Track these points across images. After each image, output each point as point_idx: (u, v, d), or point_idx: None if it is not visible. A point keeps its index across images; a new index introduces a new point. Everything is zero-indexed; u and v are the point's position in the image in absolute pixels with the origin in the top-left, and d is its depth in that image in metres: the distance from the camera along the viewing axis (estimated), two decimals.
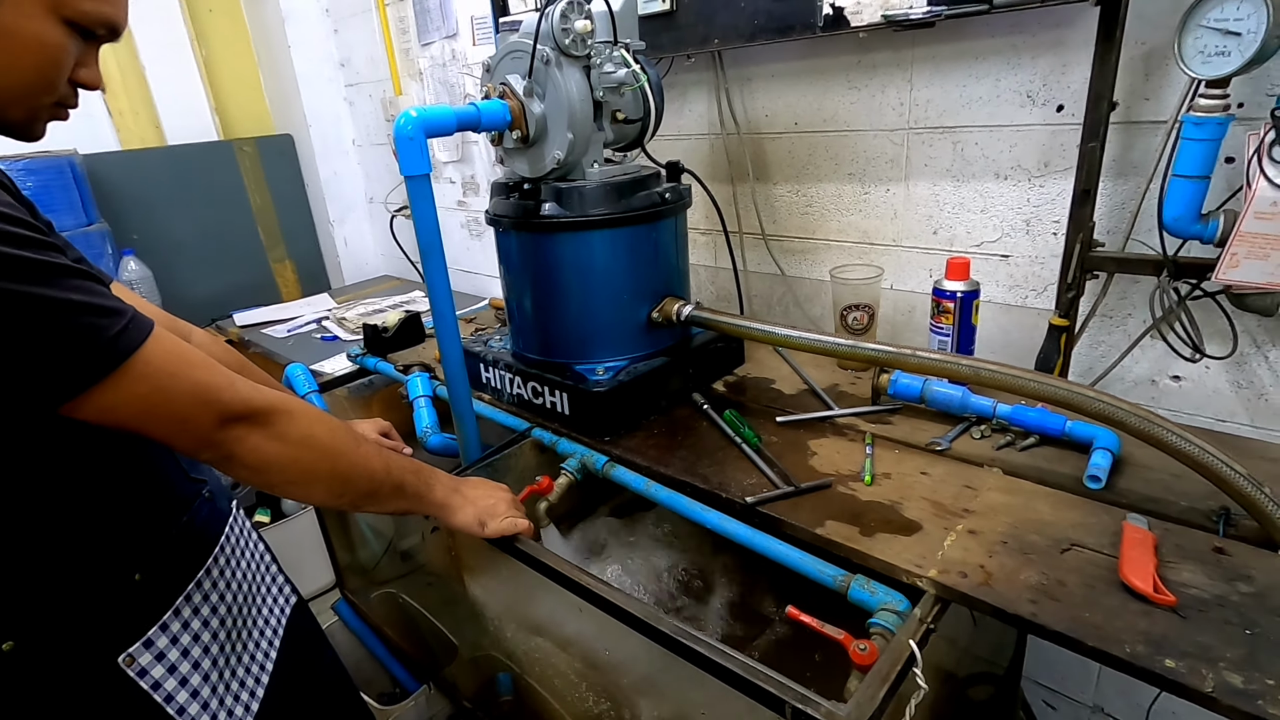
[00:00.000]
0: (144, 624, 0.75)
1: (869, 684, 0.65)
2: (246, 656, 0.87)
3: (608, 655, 1.04)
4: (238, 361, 1.05)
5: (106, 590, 0.72)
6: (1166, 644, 0.63)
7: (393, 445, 1.14)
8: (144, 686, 0.74)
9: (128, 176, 2.27)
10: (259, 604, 0.92)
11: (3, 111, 0.64)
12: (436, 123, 0.95)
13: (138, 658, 0.73)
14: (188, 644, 0.78)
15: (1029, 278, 1.16)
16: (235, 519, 0.91)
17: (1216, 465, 0.74)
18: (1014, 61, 1.08)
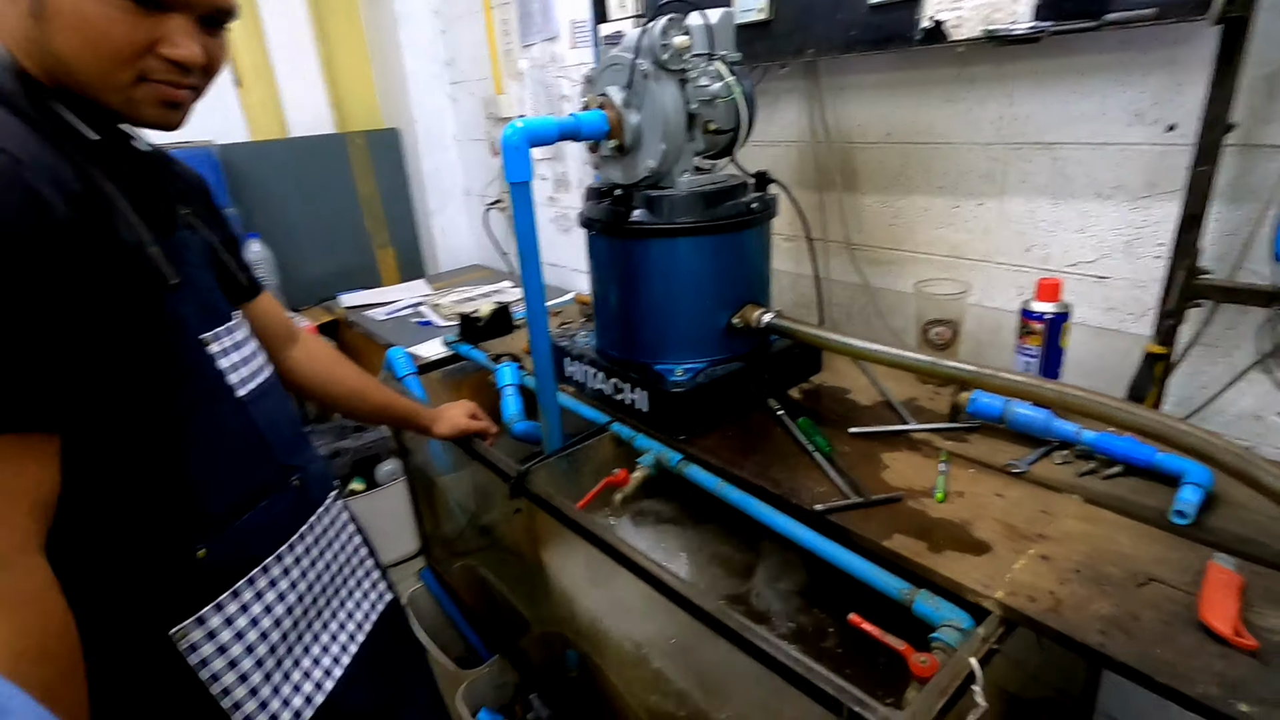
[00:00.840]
0: (200, 601, 0.74)
1: (927, 695, 0.67)
2: (317, 648, 0.86)
3: (673, 644, 1.09)
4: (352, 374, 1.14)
5: (167, 563, 0.73)
6: (1243, 688, 0.62)
7: (482, 427, 1.26)
8: (190, 662, 0.73)
9: (255, 165, 2.49)
10: (342, 599, 0.92)
11: (99, 96, 0.66)
12: (540, 133, 1.02)
13: (189, 633, 0.73)
14: (243, 627, 0.77)
15: (1127, 301, 1.12)
16: (329, 510, 0.91)
17: None
18: (1123, 79, 1.04)
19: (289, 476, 0.85)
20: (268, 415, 0.83)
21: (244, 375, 0.81)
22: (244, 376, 0.81)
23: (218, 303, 0.81)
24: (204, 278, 0.81)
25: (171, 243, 0.75)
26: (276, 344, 1.02)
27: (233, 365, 0.80)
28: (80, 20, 0.62)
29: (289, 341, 1.06)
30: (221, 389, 0.78)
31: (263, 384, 0.84)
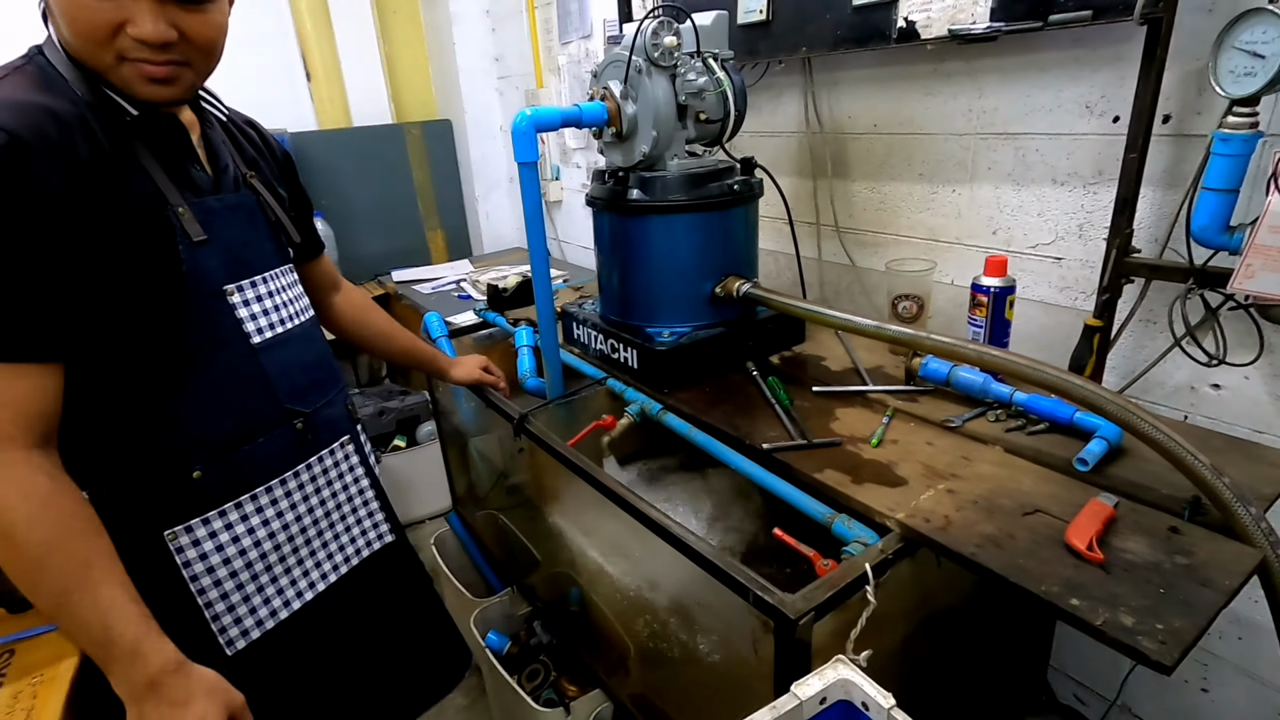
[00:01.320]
0: (192, 513, 0.86)
1: (819, 585, 0.81)
2: (298, 571, 0.97)
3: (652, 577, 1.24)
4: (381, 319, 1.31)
5: (165, 476, 0.84)
6: (1080, 589, 0.74)
7: (492, 380, 1.42)
8: (177, 561, 0.85)
9: (322, 152, 2.75)
10: (336, 532, 1.03)
11: (105, 76, 0.76)
12: (545, 120, 1.18)
13: (179, 537, 0.85)
14: (225, 542, 0.89)
15: (1079, 280, 1.21)
16: (334, 451, 1.02)
17: (1181, 453, 0.81)
18: (1075, 74, 1.14)
19: (292, 419, 0.94)
20: (281, 361, 0.93)
21: (264, 324, 0.91)
22: (264, 325, 0.91)
23: (255, 257, 0.91)
24: (246, 235, 0.91)
25: (208, 203, 0.86)
26: (323, 292, 1.21)
27: (253, 314, 0.90)
28: (64, 9, 0.72)
29: (333, 290, 1.24)
30: (234, 334, 0.88)
31: (284, 333, 0.94)
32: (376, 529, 1.11)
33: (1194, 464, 0.80)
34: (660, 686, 1.27)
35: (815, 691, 0.69)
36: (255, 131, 1.04)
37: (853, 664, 0.70)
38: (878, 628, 0.82)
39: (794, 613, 0.77)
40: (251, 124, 1.04)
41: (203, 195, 0.87)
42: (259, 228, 0.94)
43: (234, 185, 0.92)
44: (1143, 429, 0.83)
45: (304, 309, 1.00)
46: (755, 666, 0.92)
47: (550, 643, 1.62)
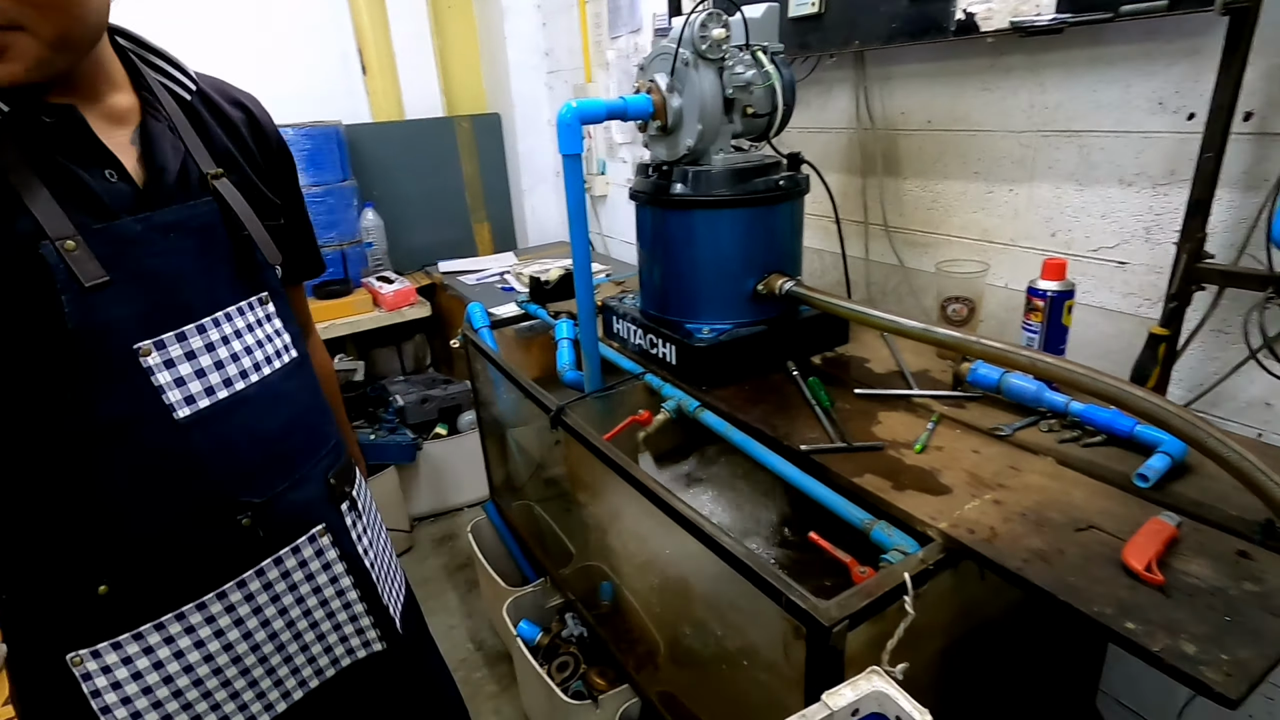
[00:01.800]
0: (99, 635, 0.69)
1: (854, 593, 0.78)
2: (251, 694, 0.78)
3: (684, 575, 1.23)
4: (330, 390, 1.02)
5: (65, 591, 0.68)
6: (1136, 612, 0.70)
7: None
8: (84, 690, 0.69)
9: (375, 144, 2.80)
10: (301, 645, 0.82)
11: None
12: (590, 113, 1.18)
13: (85, 662, 0.69)
14: (144, 669, 0.71)
15: (1145, 287, 1.15)
16: (300, 549, 0.79)
17: (1253, 472, 0.76)
18: (1146, 68, 1.08)
19: (236, 513, 0.72)
20: (223, 438, 0.71)
21: (197, 390, 0.69)
22: (197, 392, 0.69)
23: (198, 294, 0.70)
24: (186, 264, 0.69)
25: (119, 227, 0.64)
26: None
27: (180, 379, 0.68)
28: None
29: (306, 332, 1.02)
30: (151, 408, 0.66)
31: (231, 398, 0.72)
32: (361, 636, 0.88)
33: (1266, 483, 0.75)
34: (688, 686, 1.26)
35: (848, 702, 0.67)
36: (243, 112, 0.81)
37: (888, 676, 0.68)
38: (915, 639, 0.80)
39: (828, 620, 0.75)
40: (240, 103, 0.81)
41: (114, 217, 0.65)
42: (214, 250, 0.72)
43: (181, 192, 0.70)
44: (1210, 445, 0.78)
45: (274, 355, 0.78)
46: (786, 673, 0.90)
47: (581, 636, 1.63)
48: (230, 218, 0.73)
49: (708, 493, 1.33)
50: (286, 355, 0.80)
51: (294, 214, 0.89)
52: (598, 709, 1.40)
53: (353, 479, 0.91)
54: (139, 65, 0.72)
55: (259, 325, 0.77)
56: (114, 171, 0.66)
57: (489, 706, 1.83)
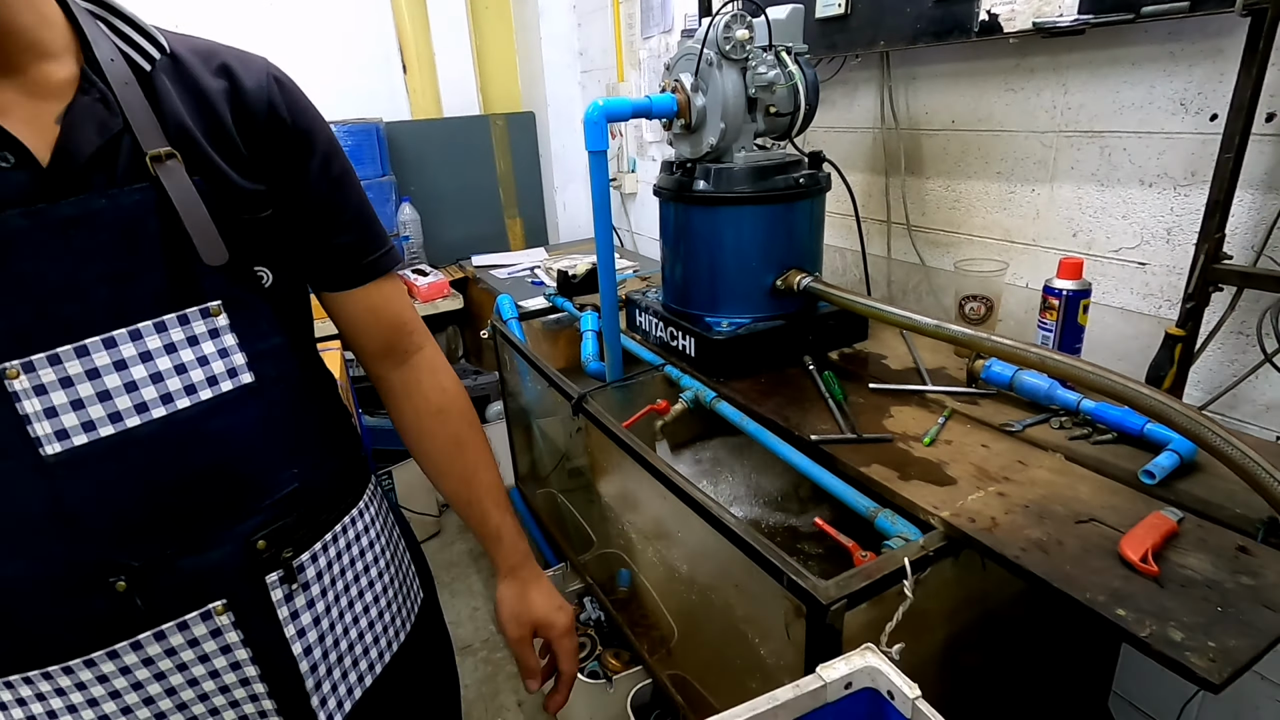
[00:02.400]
0: None
1: (854, 574, 0.81)
2: None
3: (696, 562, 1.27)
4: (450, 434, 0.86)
5: None
6: (1129, 600, 0.71)
7: (532, 664, 0.92)
8: None
9: (412, 140, 2.89)
10: None
11: None
12: (616, 111, 1.22)
13: None
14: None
15: (1164, 288, 1.15)
16: (190, 626, 0.64)
17: (1256, 470, 0.77)
18: (1169, 69, 1.08)
19: (107, 575, 0.60)
20: (99, 483, 0.59)
21: (75, 423, 0.58)
22: (74, 425, 0.58)
23: (97, 305, 0.58)
24: (85, 269, 0.57)
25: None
26: (370, 358, 0.83)
27: (53, 408, 0.57)
28: None
29: (387, 357, 0.82)
30: (11, 440, 0.56)
31: (115, 437, 0.59)
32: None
33: (1268, 481, 0.76)
34: (699, 670, 1.29)
35: (840, 675, 0.70)
36: (226, 80, 0.65)
37: (883, 654, 0.71)
38: (916, 627, 0.82)
39: (826, 598, 0.78)
40: (226, 68, 0.65)
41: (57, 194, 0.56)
42: (138, 250, 0.59)
43: (101, 179, 0.58)
44: (1212, 442, 0.79)
45: (206, 382, 0.63)
46: (788, 653, 0.93)
47: (599, 619, 1.67)
48: (167, 206, 0.59)
49: (720, 480, 1.36)
50: (229, 382, 0.64)
51: (308, 203, 0.71)
52: (611, 688, 1.44)
53: (311, 540, 0.72)
54: (102, 30, 0.61)
55: (191, 345, 0.62)
56: (10, 155, 0.55)
57: (509, 686, 1.89)
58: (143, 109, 0.60)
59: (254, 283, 0.67)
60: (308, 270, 0.76)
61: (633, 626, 1.53)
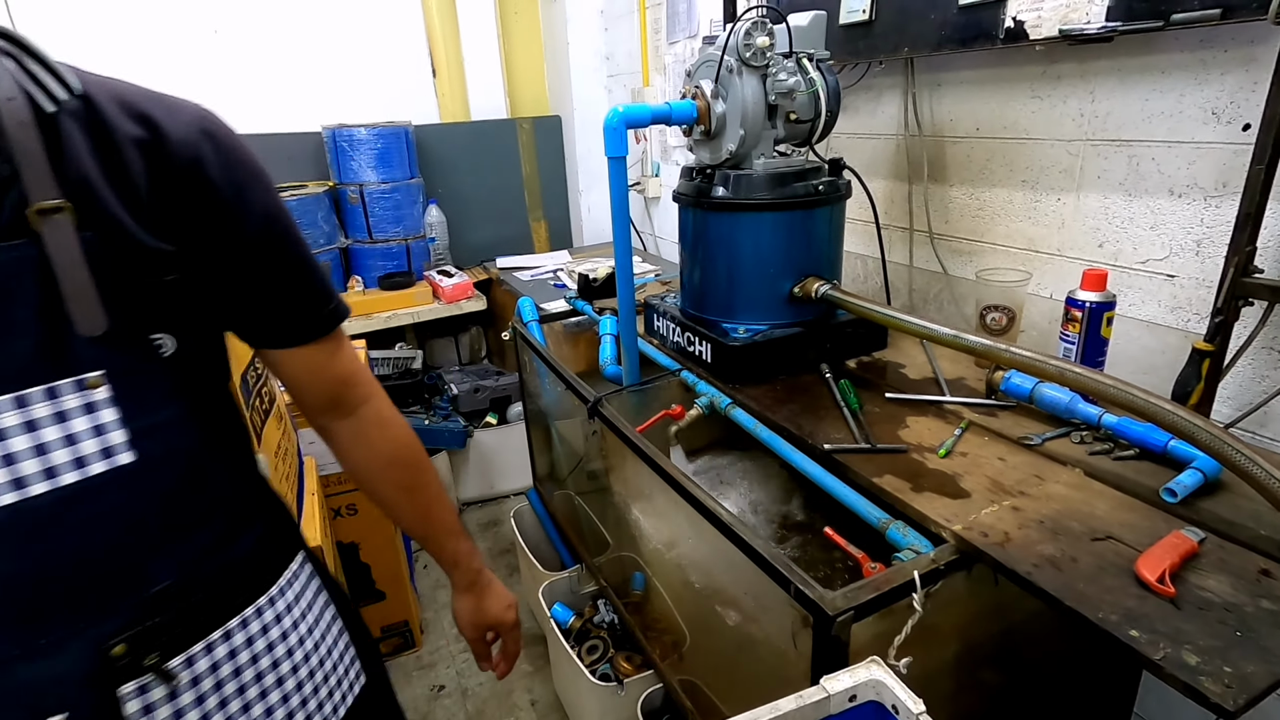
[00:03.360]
0: None
1: (862, 585, 0.81)
2: None
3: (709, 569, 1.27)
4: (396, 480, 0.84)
5: None
6: (1143, 621, 0.70)
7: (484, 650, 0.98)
8: None
9: (441, 143, 2.94)
10: None
11: None
12: (636, 117, 1.23)
13: None
14: None
15: (1193, 301, 1.12)
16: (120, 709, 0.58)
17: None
18: (1201, 77, 1.05)
19: None
20: None
21: None
22: None
23: None
24: None
25: None
26: (313, 410, 0.79)
27: None
28: None
29: (329, 411, 0.78)
30: None
31: None
32: None
33: None
34: (710, 676, 1.29)
35: (844, 687, 0.70)
36: (144, 129, 0.58)
37: (889, 668, 0.71)
38: (927, 642, 0.82)
39: (832, 609, 0.78)
40: (146, 117, 0.59)
41: None
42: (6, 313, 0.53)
43: None
44: (1237, 460, 0.77)
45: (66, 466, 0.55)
46: (795, 663, 0.93)
47: (612, 622, 1.68)
48: (47, 267, 0.53)
49: (733, 487, 1.36)
50: (101, 463, 0.57)
51: (239, 264, 0.64)
52: (622, 692, 1.45)
53: (191, 639, 0.63)
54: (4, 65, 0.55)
55: (57, 421, 0.54)
56: None
57: (522, 685, 1.90)
58: (37, 154, 0.53)
59: (148, 351, 0.59)
60: (240, 328, 0.70)
61: (645, 630, 1.54)
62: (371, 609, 1.92)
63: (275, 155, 2.69)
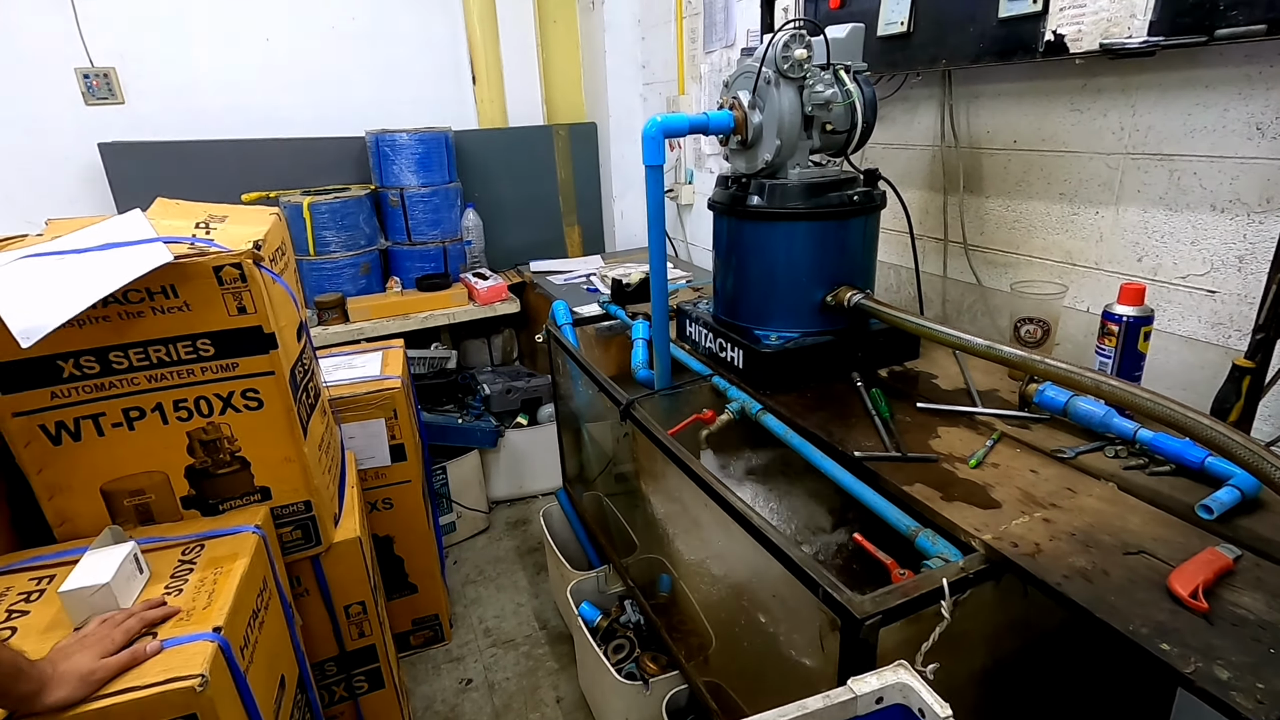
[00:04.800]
0: None
1: (891, 590, 0.82)
2: None
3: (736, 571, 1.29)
4: None
5: None
6: (1174, 636, 0.70)
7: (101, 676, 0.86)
8: None
9: (479, 148, 3.00)
10: None
11: None
12: (674, 127, 1.26)
13: None
14: None
15: (1235, 317, 1.11)
16: None
17: None
18: (1246, 92, 1.04)
19: None
20: None
21: None
22: None
23: None
24: None
25: None
26: None
27: None
28: None
29: None
30: None
31: None
32: None
33: None
34: (734, 678, 1.31)
35: (871, 689, 0.71)
36: None
37: (916, 672, 0.72)
38: (954, 650, 0.82)
39: (860, 613, 0.79)
40: None
41: None
42: None
43: None
44: (1276, 478, 0.77)
45: None
46: (822, 666, 0.94)
47: (638, 623, 1.70)
48: None
49: (763, 492, 1.38)
50: None
51: None
52: (648, 691, 1.47)
53: None
54: None
55: None
56: None
57: (548, 682, 1.93)
58: None
59: None
60: None
61: (671, 631, 1.56)
62: (404, 601, 1.97)
63: (320, 159, 2.78)
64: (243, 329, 1.17)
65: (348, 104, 2.88)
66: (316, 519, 1.34)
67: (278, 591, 1.25)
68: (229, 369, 1.19)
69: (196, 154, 2.59)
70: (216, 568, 1.11)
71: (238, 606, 1.04)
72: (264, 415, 1.23)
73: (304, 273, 2.59)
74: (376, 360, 1.97)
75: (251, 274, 1.14)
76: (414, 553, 1.94)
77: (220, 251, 1.13)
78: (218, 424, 1.22)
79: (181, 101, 2.64)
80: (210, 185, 2.59)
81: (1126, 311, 1.08)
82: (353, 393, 1.77)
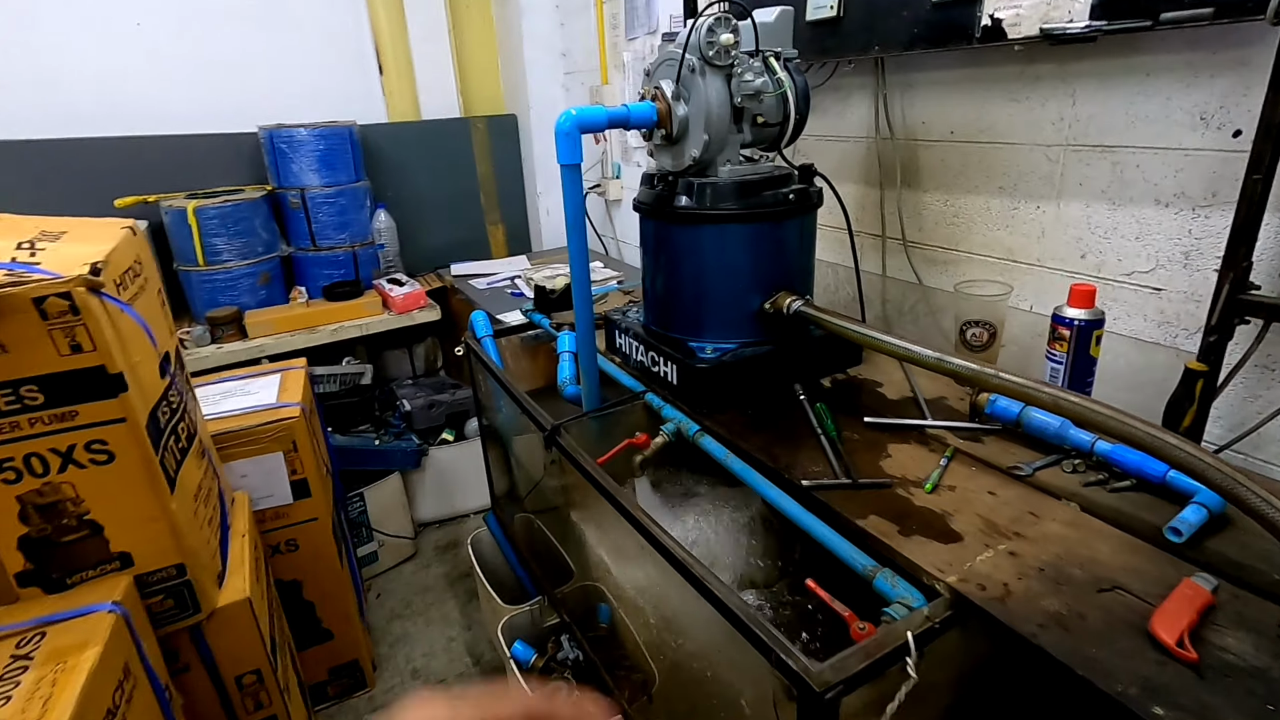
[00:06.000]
0: None
1: (852, 653, 0.72)
2: None
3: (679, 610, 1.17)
4: None
5: None
6: (1165, 694, 0.63)
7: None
8: None
9: (389, 144, 2.78)
10: None
11: None
12: (590, 121, 1.12)
13: None
14: None
15: (1181, 316, 1.07)
16: None
17: None
18: (1189, 80, 0.99)
19: None
20: None
21: None
22: None
23: None
24: None
25: None
26: None
27: None
28: None
29: None
30: None
31: None
32: None
33: None
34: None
35: None
36: None
37: None
38: (919, 700, 0.73)
39: (820, 684, 0.69)
40: None
41: None
42: None
43: None
44: (1251, 503, 0.71)
45: None
46: None
47: (576, 659, 1.57)
48: None
49: (704, 524, 1.27)
50: None
51: None
52: None
53: None
54: None
55: None
56: None
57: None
58: None
59: None
60: None
61: (611, 669, 1.44)
62: (318, 650, 1.78)
63: (208, 158, 2.51)
64: (80, 370, 0.97)
65: (238, 97, 2.61)
66: (193, 583, 1.15)
67: (147, 675, 1.06)
68: (66, 418, 0.99)
69: (62, 154, 2.29)
70: (58, 662, 0.92)
71: (83, 713, 0.86)
72: (116, 469, 1.04)
73: (193, 285, 2.33)
74: (273, 384, 1.76)
75: (85, 305, 0.95)
76: (326, 596, 1.75)
77: (44, 279, 0.93)
78: (56, 484, 1.02)
79: (43, 95, 2.31)
80: (80, 190, 2.30)
81: (1078, 315, 1.02)
82: (243, 425, 1.56)
